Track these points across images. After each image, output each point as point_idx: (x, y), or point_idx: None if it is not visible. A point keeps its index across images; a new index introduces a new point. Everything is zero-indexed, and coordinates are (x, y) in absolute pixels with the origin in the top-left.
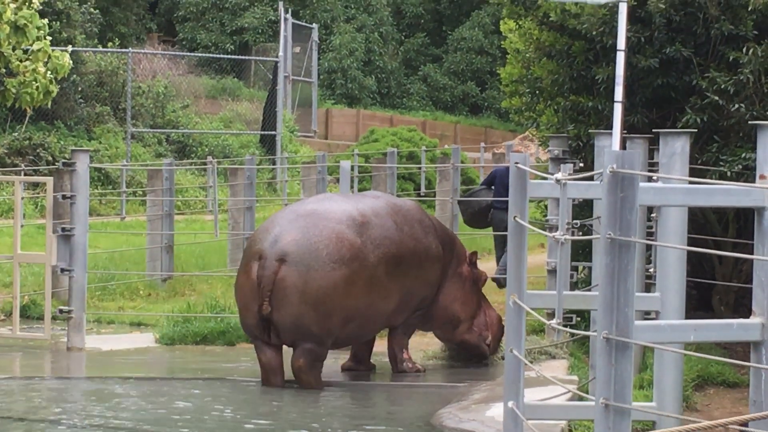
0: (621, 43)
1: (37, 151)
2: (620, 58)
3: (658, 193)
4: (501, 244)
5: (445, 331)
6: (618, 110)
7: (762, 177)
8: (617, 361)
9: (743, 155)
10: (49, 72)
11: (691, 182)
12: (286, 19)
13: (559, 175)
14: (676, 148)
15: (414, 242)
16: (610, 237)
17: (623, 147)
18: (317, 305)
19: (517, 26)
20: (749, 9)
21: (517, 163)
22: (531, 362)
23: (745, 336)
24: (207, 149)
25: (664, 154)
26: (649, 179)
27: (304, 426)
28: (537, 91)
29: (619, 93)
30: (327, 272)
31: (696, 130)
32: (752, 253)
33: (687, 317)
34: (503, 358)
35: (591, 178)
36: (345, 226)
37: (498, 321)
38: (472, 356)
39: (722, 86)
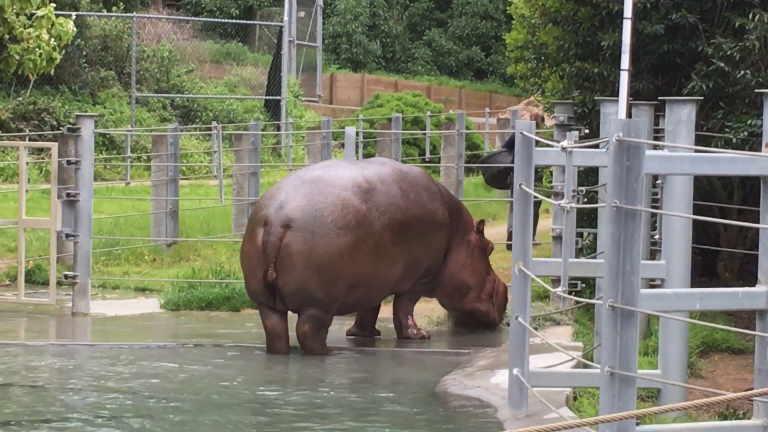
0: (627, 10)
1: (42, 115)
2: (627, 26)
3: (664, 161)
4: None
5: (453, 299)
6: (624, 78)
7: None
8: (622, 330)
9: (749, 122)
10: (52, 39)
11: (696, 151)
12: None
13: (565, 143)
14: (682, 116)
15: (420, 209)
16: (615, 205)
17: (629, 115)
18: (322, 271)
19: None
20: None
21: (522, 131)
22: (536, 329)
23: (751, 304)
24: (211, 114)
25: (670, 121)
26: (655, 148)
27: (309, 392)
28: (542, 57)
29: (625, 61)
30: (332, 238)
31: (702, 97)
32: (757, 220)
33: (692, 284)
34: (508, 325)
35: (597, 146)
36: (350, 192)
37: (504, 291)
38: (479, 325)
39: (728, 53)
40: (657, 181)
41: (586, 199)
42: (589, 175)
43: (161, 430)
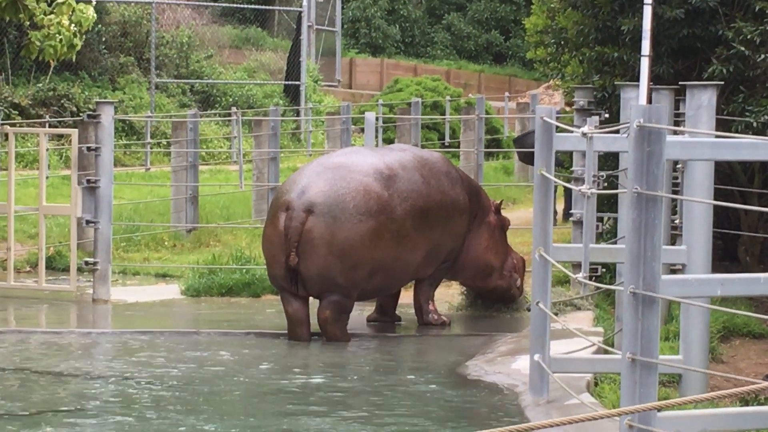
0: None
1: (62, 101)
2: (647, 12)
3: (685, 147)
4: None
5: (477, 280)
6: (645, 64)
7: None
8: (644, 316)
9: None
10: (73, 25)
11: (717, 136)
12: None
13: (585, 129)
14: (702, 101)
15: (441, 195)
16: (636, 191)
17: (650, 101)
18: (343, 257)
19: None
20: None
21: (543, 116)
22: (556, 314)
23: None
24: (231, 99)
25: (691, 106)
26: (675, 133)
27: (331, 378)
28: (562, 42)
29: (646, 47)
30: (354, 224)
31: (722, 82)
32: None
33: (713, 268)
34: (529, 310)
35: (617, 132)
36: (372, 178)
37: (523, 264)
38: (500, 300)
39: (748, 36)
40: (678, 166)
41: (606, 184)
42: (609, 160)
43: (183, 417)
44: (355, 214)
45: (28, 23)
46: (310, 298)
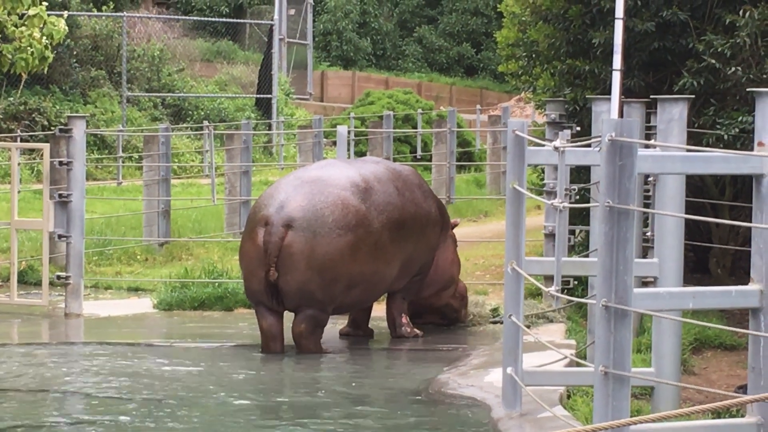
0: (619, 11)
1: (33, 115)
2: (618, 26)
3: (657, 161)
4: None
5: (438, 294)
6: (616, 78)
7: (760, 144)
8: (616, 329)
9: (740, 118)
10: (44, 38)
11: (688, 150)
12: None
13: (557, 143)
14: (673, 114)
15: (415, 207)
16: (608, 205)
17: (621, 114)
18: (323, 271)
19: None
20: None
21: (515, 130)
22: (528, 327)
23: (744, 303)
24: (203, 113)
25: (662, 120)
26: (647, 146)
27: (304, 391)
28: (533, 55)
29: (617, 61)
30: (333, 238)
31: (693, 95)
32: (749, 216)
33: (684, 280)
34: (498, 323)
35: (589, 146)
36: (350, 192)
37: (465, 289)
38: (446, 321)
39: (719, 49)
40: (649, 179)
41: (578, 197)
42: (580, 172)
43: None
44: (334, 229)
45: None
46: (285, 312)
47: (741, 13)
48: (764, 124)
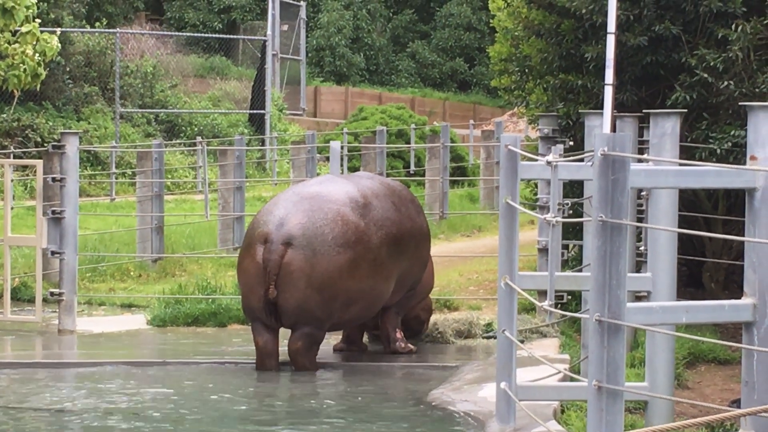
0: (611, 25)
1: (26, 132)
2: (610, 41)
3: (649, 175)
4: None
5: (413, 305)
6: (609, 93)
7: (752, 158)
8: (609, 344)
9: (732, 132)
10: (37, 54)
11: (681, 164)
12: None
13: (550, 158)
14: (666, 129)
15: (410, 222)
16: (601, 219)
17: (614, 128)
18: (323, 289)
19: (506, 4)
20: None
21: (507, 145)
22: (522, 341)
23: (737, 317)
24: (196, 128)
25: (655, 134)
26: (640, 160)
27: (298, 407)
28: (526, 70)
29: (609, 76)
30: (333, 256)
31: (685, 109)
32: (743, 229)
33: (678, 295)
34: (487, 338)
35: (582, 160)
36: (349, 208)
37: (431, 302)
38: (410, 332)
39: (711, 63)
40: (642, 193)
41: (571, 211)
42: (574, 187)
43: None
44: (334, 246)
45: None
46: (281, 329)
47: (733, 27)
48: (756, 138)
